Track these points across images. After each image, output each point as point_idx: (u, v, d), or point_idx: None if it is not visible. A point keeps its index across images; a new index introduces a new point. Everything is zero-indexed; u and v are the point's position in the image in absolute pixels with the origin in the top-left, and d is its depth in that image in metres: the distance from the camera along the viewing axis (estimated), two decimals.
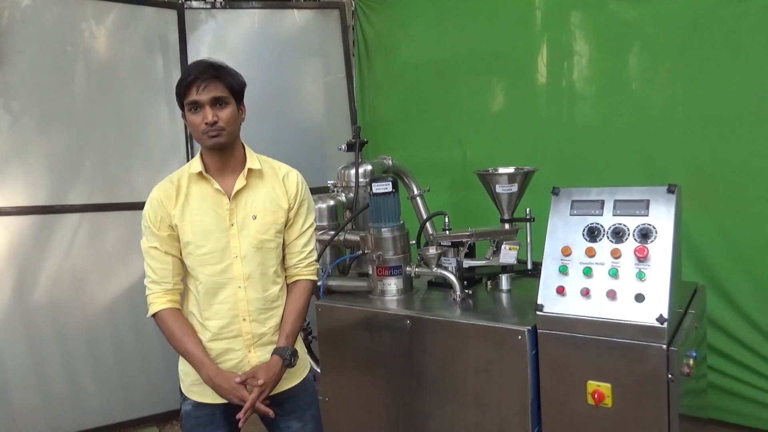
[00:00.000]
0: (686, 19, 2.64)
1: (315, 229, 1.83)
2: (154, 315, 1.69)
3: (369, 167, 2.54)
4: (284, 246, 1.77)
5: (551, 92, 3.03)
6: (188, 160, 3.40)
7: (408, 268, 2.18)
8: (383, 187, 2.17)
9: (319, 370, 2.24)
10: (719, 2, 2.57)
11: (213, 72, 1.64)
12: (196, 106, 1.62)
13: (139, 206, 1.76)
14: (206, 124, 1.62)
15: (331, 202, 2.44)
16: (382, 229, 2.17)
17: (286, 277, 1.79)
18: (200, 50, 3.32)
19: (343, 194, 2.51)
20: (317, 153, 3.56)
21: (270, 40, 3.50)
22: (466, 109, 3.29)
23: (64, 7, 3.05)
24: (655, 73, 2.76)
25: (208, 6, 3.43)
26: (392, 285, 2.17)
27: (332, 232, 2.38)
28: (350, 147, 2.61)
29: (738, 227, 2.62)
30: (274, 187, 1.74)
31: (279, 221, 1.73)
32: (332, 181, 2.61)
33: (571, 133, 2.97)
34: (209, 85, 1.62)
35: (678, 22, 2.67)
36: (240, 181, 1.70)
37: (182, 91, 1.63)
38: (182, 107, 1.67)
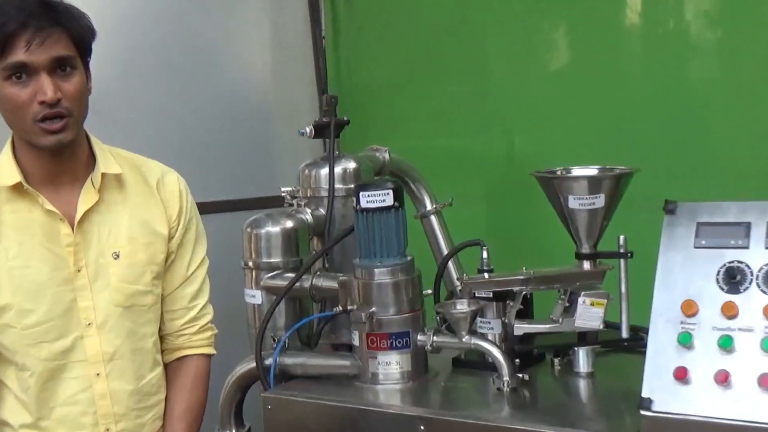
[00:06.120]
0: None
1: (208, 269, 1.85)
2: None
3: (352, 165, 2.56)
4: (162, 299, 1.81)
5: (649, 39, 3.09)
6: None
7: (420, 337, 2.19)
8: (379, 197, 2.18)
9: None
10: None
11: (53, 16, 1.64)
12: (23, 71, 1.62)
13: None
14: (42, 103, 1.61)
15: (289, 224, 2.43)
16: (376, 270, 2.18)
17: (163, 351, 1.82)
18: None
19: (309, 210, 2.51)
20: (261, 141, 3.58)
21: None
22: (510, 68, 3.33)
23: None
24: None
25: None
26: (394, 364, 2.18)
27: (290, 275, 2.37)
28: (319, 130, 2.62)
29: None
30: (145, 202, 1.77)
31: (157, 259, 1.76)
32: (289, 188, 2.61)
33: (684, 109, 3.02)
34: (49, 38, 1.62)
35: None
36: (88, 196, 1.71)
37: None
38: None
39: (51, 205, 1.69)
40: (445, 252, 2.69)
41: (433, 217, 2.75)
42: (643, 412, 1.79)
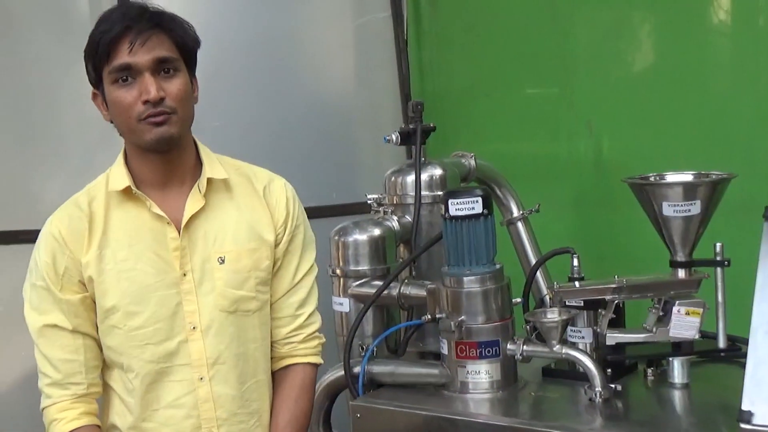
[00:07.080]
0: None
1: (317, 277, 1.86)
2: None
3: (439, 171, 2.56)
4: (270, 306, 1.85)
5: (739, 37, 3.03)
6: None
7: (510, 346, 2.18)
8: (468, 205, 2.18)
9: None
10: None
11: (155, 20, 1.72)
12: (128, 73, 1.68)
13: None
14: (145, 102, 1.67)
15: (376, 231, 2.45)
16: (465, 278, 2.19)
17: (271, 359, 1.85)
18: None
19: (395, 217, 2.53)
20: (343, 147, 3.58)
21: None
22: (597, 70, 3.30)
23: None
24: None
25: None
26: (483, 374, 2.18)
27: (378, 283, 2.39)
28: (405, 137, 2.63)
29: None
30: (252, 207, 1.80)
31: (262, 265, 1.78)
32: (374, 195, 2.63)
33: None
34: (150, 39, 1.69)
35: None
36: (195, 200, 1.75)
37: (103, 50, 1.68)
38: (97, 80, 1.73)
39: (159, 209, 1.74)
40: (533, 259, 2.69)
41: (519, 224, 2.74)
42: (743, 425, 1.75)
